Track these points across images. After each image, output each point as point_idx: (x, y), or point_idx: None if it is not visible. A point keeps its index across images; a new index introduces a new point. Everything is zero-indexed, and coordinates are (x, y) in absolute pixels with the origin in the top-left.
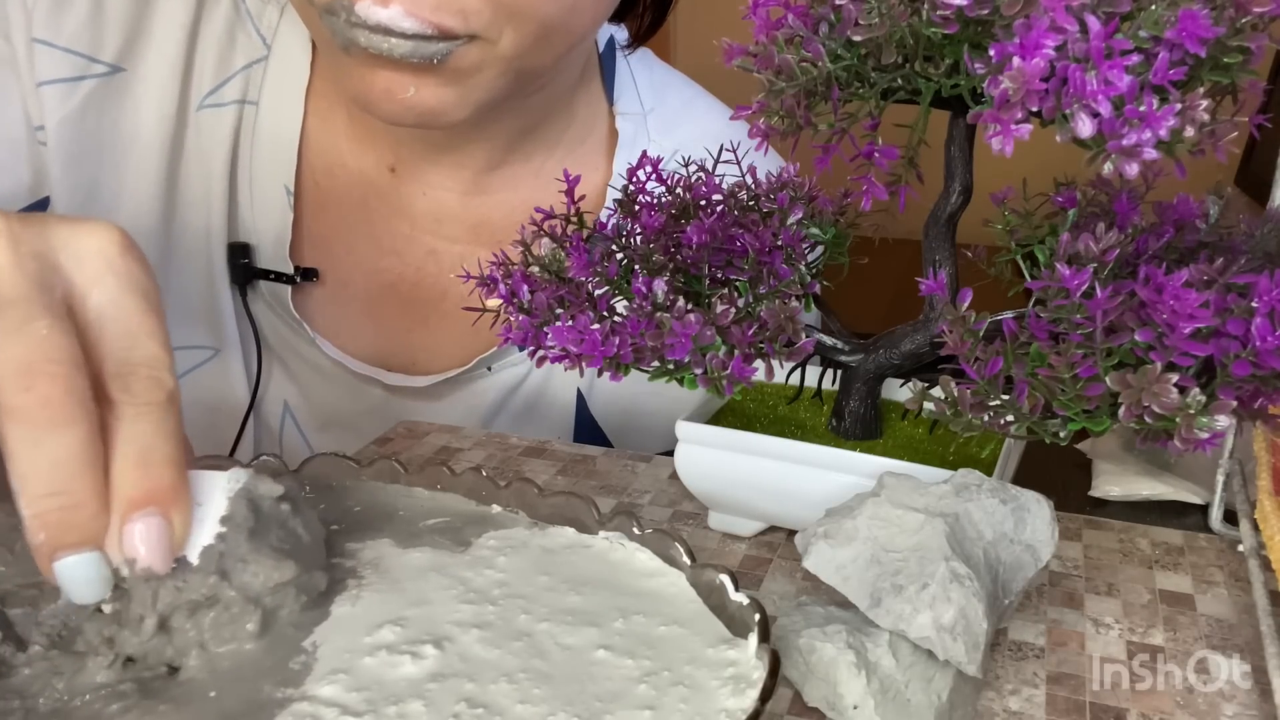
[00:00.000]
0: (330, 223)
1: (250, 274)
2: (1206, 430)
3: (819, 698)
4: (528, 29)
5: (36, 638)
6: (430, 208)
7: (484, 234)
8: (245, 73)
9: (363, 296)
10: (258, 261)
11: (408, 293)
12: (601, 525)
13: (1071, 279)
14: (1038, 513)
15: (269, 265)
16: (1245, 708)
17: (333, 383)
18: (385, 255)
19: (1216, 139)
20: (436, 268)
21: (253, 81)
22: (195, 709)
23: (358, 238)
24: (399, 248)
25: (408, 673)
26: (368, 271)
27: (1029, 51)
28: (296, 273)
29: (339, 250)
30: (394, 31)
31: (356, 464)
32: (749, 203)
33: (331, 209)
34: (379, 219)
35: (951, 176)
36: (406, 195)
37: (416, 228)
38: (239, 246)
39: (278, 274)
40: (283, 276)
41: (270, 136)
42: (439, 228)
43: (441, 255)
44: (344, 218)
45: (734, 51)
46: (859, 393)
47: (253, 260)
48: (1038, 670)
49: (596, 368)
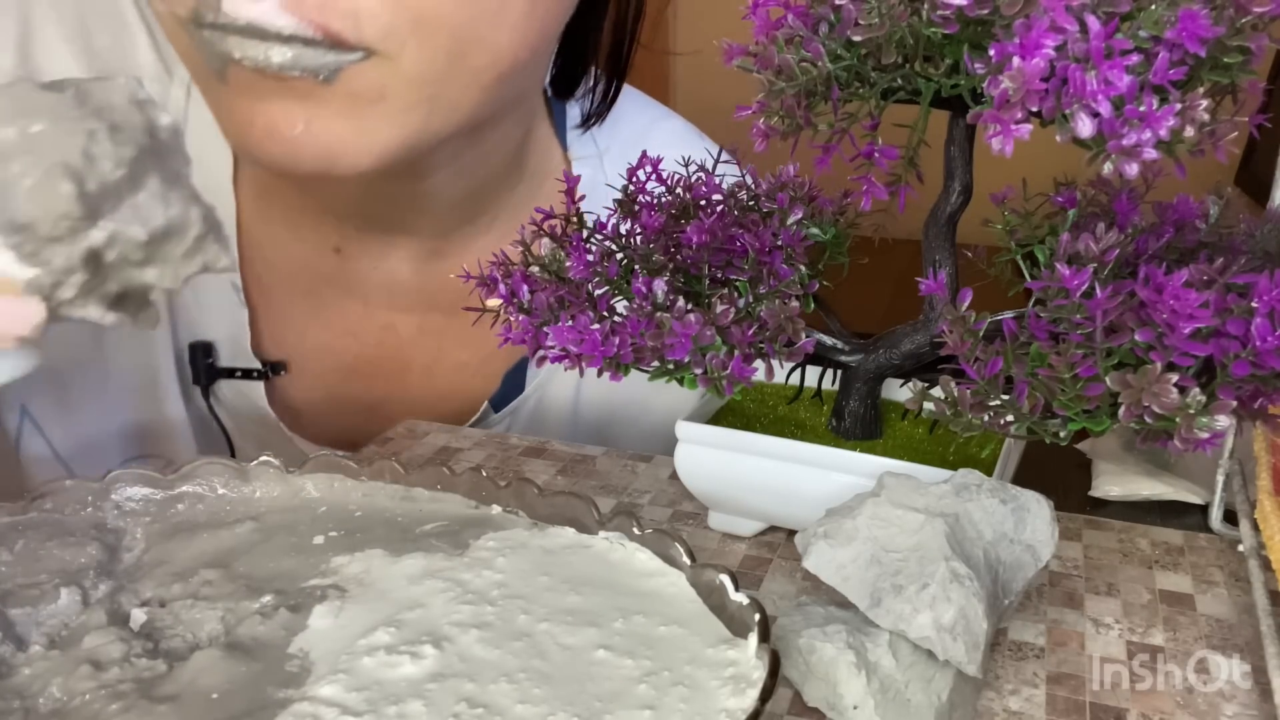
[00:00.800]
0: (279, 313)
1: (213, 375)
2: (1206, 430)
3: (819, 698)
4: (436, 42)
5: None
6: (382, 282)
7: (442, 300)
8: None
9: (323, 383)
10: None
11: (369, 371)
12: (601, 525)
13: (1071, 279)
14: (1038, 513)
15: (230, 364)
16: (1245, 708)
17: None
18: (340, 337)
19: (1216, 139)
20: (396, 341)
21: None
22: (195, 709)
23: (309, 324)
24: (353, 328)
25: (407, 673)
26: (324, 356)
27: (1029, 51)
28: (266, 367)
29: (291, 339)
30: (268, 32)
31: (356, 464)
32: (749, 203)
33: (278, 299)
34: (329, 301)
35: (951, 176)
36: (355, 273)
37: (370, 304)
38: (201, 346)
39: (244, 371)
40: (251, 373)
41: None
42: (393, 300)
43: (399, 327)
44: (293, 305)
45: (734, 51)
46: (859, 393)
47: (215, 359)
48: (1038, 670)
49: (596, 368)
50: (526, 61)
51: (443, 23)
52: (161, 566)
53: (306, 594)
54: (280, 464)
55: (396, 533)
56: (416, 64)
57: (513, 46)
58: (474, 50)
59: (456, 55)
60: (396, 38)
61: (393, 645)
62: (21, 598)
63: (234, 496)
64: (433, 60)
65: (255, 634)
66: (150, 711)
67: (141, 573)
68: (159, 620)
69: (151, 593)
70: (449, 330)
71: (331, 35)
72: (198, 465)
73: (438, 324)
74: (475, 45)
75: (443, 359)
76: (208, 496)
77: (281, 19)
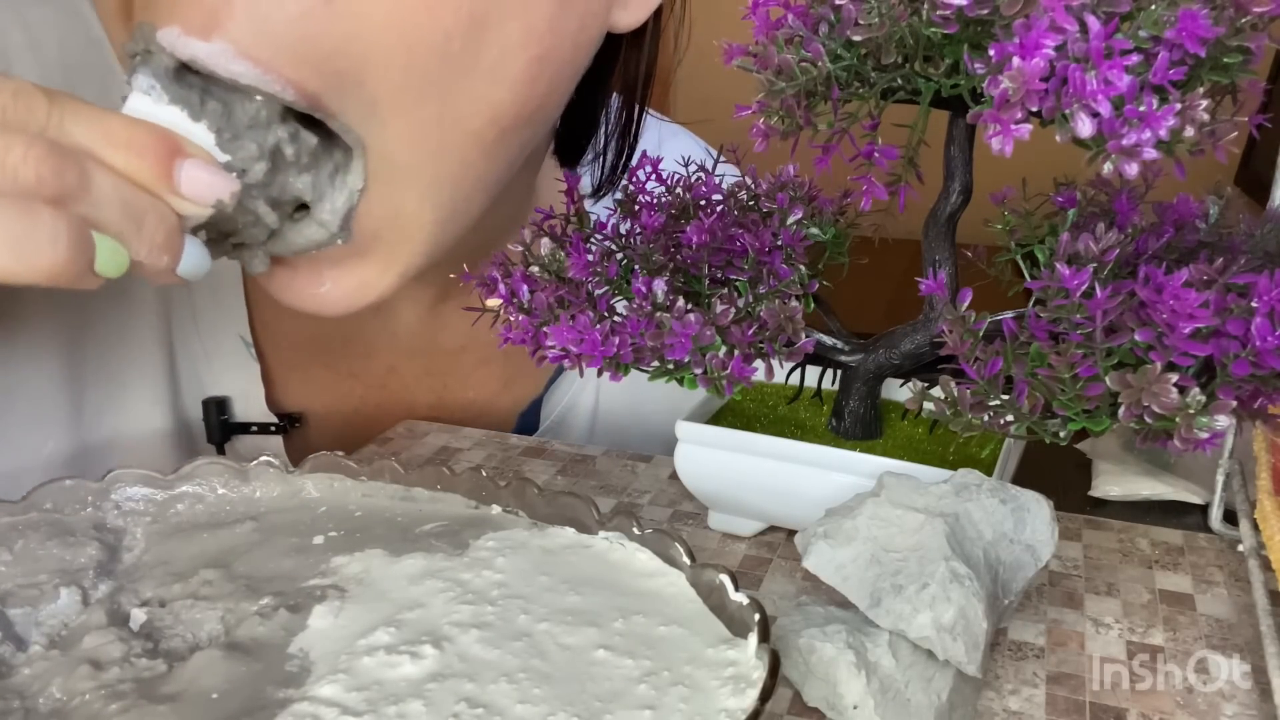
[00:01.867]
0: (283, 366)
1: (228, 431)
2: (1206, 430)
3: (819, 698)
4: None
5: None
6: (386, 327)
7: (446, 342)
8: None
9: (329, 428)
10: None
11: (374, 414)
12: (601, 525)
13: (1071, 279)
14: (1037, 513)
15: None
16: (1245, 708)
17: None
18: (343, 380)
19: (1216, 139)
20: (399, 384)
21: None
22: (195, 709)
23: (313, 373)
24: (356, 371)
25: (407, 673)
26: (329, 403)
27: (1029, 51)
28: (283, 420)
29: (294, 386)
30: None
31: (357, 464)
32: (749, 203)
33: (282, 352)
34: (333, 349)
35: (951, 176)
36: (360, 323)
37: (374, 349)
38: (215, 402)
39: (261, 426)
40: (268, 428)
41: (209, 290)
42: (396, 343)
43: (402, 370)
44: (296, 358)
45: (734, 52)
46: (859, 393)
47: (230, 416)
48: (1037, 670)
49: (596, 368)
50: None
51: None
52: (161, 566)
53: (306, 594)
54: (280, 464)
55: (396, 533)
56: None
57: (515, 101)
58: (469, 112)
59: (450, 123)
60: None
61: (392, 645)
62: (21, 598)
63: (234, 497)
64: (424, 136)
65: (255, 634)
66: (150, 711)
67: (141, 573)
68: (159, 620)
69: (151, 593)
70: (453, 371)
71: (309, 97)
72: (198, 465)
73: (442, 365)
74: (469, 106)
75: (448, 399)
76: (207, 497)
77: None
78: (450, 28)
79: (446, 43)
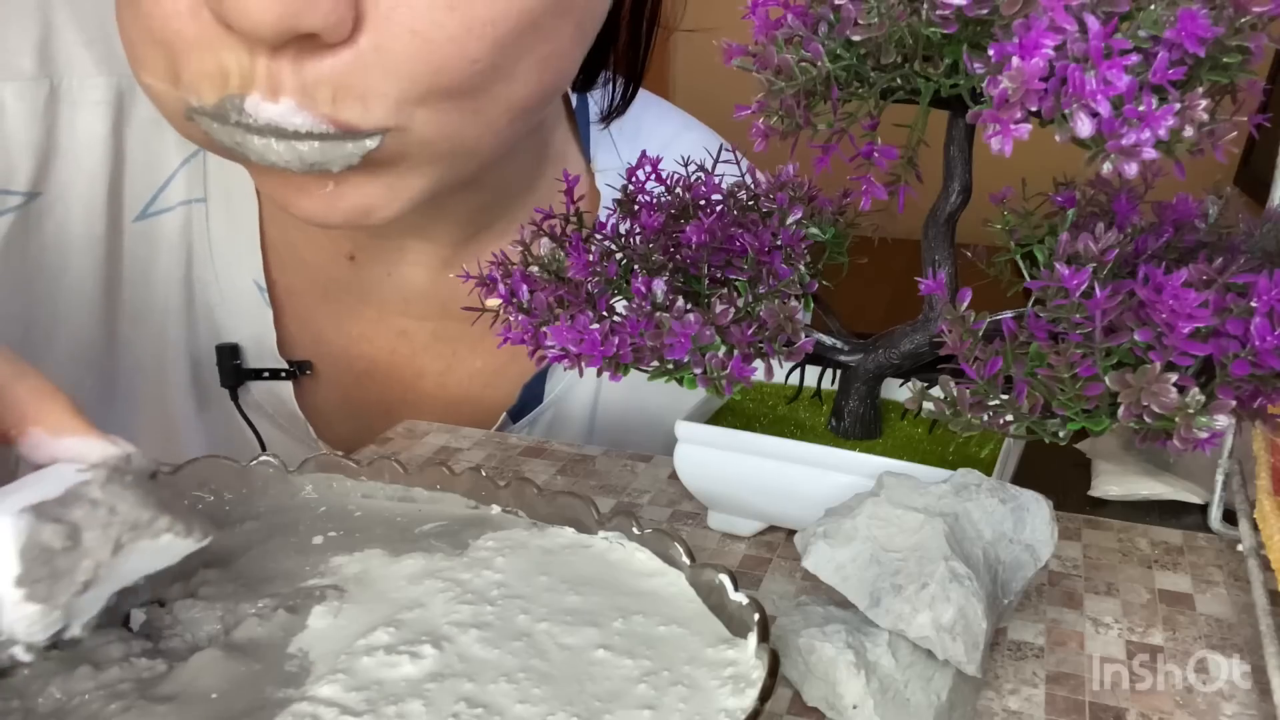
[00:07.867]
0: (299, 315)
1: (240, 376)
2: (1205, 430)
3: (818, 697)
4: (445, 108)
5: None
6: (397, 288)
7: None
8: (186, 168)
9: (339, 387)
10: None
11: (382, 376)
12: (601, 525)
13: (1071, 279)
14: (1037, 512)
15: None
16: (1245, 707)
17: None
18: (355, 342)
19: (1216, 139)
20: (409, 348)
21: (195, 176)
22: (195, 709)
23: (324, 328)
24: (368, 333)
25: (407, 673)
26: (339, 360)
27: (1028, 51)
28: (293, 367)
29: (306, 341)
30: (285, 131)
31: (356, 464)
32: (748, 203)
33: (298, 301)
34: (343, 308)
35: (951, 176)
36: (369, 280)
37: (385, 310)
38: (228, 348)
39: (272, 371)
40: (279, 373)
41: (227, 234)
42: (408, 307)
43: (413, 334)
44: (308, 310)
45: (734, 51)
46: (858, 392)
47: (243, 361)
48: (1037, 670)
49: (596, 368)
50: (545, 101)
51: (452, 92)
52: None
53: (305, 594)
54: (280, 464)
55: (396, 533)
56: (429, 129)
57: (528, 94)
58: (488, 106)
59: (470, 113)
60: (404, 112)
61: (392, 645)
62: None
63: (233, 496)
64: (444, 124)
65: (254, 634)
66: (150, 711)
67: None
68: (158, 620)
69: (151, 593)
70: (463, 338)
71: (343, 125)
72: (198, 464)
73: (452, 331)
74: (489, 103)
75: (457, 366)
76: (207, 496)
77: (298, 117)
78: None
79: (471, 66)
